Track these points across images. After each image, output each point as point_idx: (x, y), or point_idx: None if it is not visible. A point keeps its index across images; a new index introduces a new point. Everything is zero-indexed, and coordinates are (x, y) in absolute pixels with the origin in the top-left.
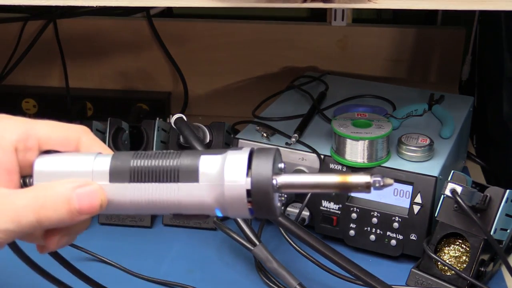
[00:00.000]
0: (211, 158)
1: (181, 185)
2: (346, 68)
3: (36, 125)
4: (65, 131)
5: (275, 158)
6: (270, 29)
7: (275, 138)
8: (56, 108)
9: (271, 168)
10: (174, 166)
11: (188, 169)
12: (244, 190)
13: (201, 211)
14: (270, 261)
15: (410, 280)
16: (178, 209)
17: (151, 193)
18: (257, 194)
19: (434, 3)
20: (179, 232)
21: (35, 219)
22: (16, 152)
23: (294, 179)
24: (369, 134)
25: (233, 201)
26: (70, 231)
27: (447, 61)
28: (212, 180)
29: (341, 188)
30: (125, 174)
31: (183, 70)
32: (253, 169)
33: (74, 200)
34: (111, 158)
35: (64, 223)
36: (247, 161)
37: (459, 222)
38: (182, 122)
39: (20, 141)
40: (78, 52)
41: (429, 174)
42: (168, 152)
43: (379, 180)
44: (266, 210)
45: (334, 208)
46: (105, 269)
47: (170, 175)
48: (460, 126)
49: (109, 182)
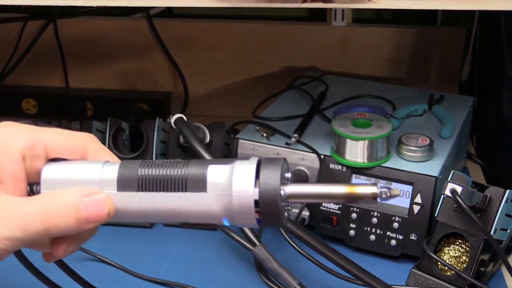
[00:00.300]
0: (219, 168)
1: (189, 195)
2: (346, 68)
3: (43, 132)
4: (72, 139)
5: (282, 168)
6: (270, 29)
7: (275, 138)
8: (56, 108)
9: (279, 179)
10: (182, 175)
11: (196, 178)
12: (252, 200)
13: (209, 220)
14: (270, 261)
15: (410, 280)
16: (185, 218)
17: (159, 202)
18: (265, 204)
19: (434, 3)
20: (179, 232)
21: (43, 227)
22: (23, 159)
23: (301, 190)
24: (369, 134)
25: (241, 211)
26: (78, 239)
27: (447, 61)
28: (220, 190)
29: (347, 199)
30: (133, 183)
31: (183, 70)
32: (261, 179)
33: (82, 208)
34: (119, 167)
35: (72, 232)
36: (255, 171)
37: (459, 222)
38: (182, 122)
39: (28, 148)
40: (78, 52)
41: (429, 174)
42: (175, 161)
43: (386, 191)
44: (273, 220)
45: (334, 208)
46: (105, 269)
47: (178, 184)
48: (460, 126)
49: (116, 191)
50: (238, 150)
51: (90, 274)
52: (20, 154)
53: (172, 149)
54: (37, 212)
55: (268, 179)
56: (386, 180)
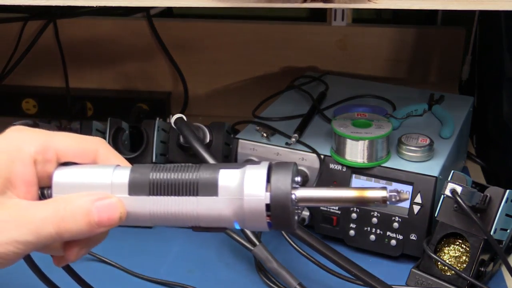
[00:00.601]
0: (230, 172)
1: (200, 199)
2: (346, 68)
3: (54, 137)
4: (83, 143)
5: (293, 172)
6: (270, 29)
7: (275, 138)
8: (56, 108)
9: (290, 183)
10: (193, 179)
11: (208, 182)
12: (264, 204)
13: (220, 224)
14: (270, 261)
15: (410, 280)
16: (197, 222)
17: (170, 206)
18: (276, 209)
19: (434, 3)
20: (179, 232)
21: (55, 231)
22: (35, 164)
23: (312, 194)
24: (369, 134)
25: (252, 215)
26: (89, 243)
27: (447, 61)
28: (231, 194)
29: (357, 203)
30: (144, 187)
31: (183, 70)
32: (272, 184)
33: (94, 213)
34: (130, 171)
35: (83, 235)
36: (266, 176)
37: (459, 222)
38: (182, 122)
39: (39, 153)
40: (78, 52)
41: (429, 174)
42: (186, 165)
43: (395, 195)
44: (284, 224)
45: (334, 208)
46: (105, 269)
47: (189, 188)
48: (460, 126)
49: (128, 195)
50: (238, 150)
51: (90, 274)
52: (32, 158)
53: (172, 149)
54: (49, 216)
55: (279, 184)
56: (386, 180)
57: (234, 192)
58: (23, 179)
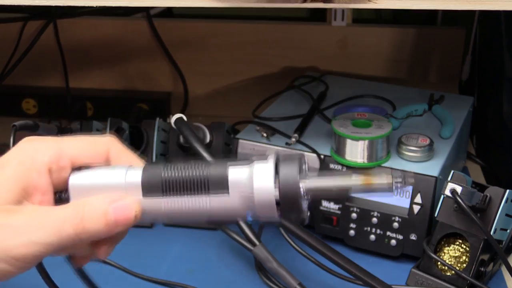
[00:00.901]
0: (239, 169)
1: (211, 196)
2: (346, 68)
3: (67, 143)
4: (95, 145)
5: (300, 162)
6: (270, 29)
7: (275, 138)
8: (56, 108)
9: (297, 176)
10: (204, 176)
11: (218, 179)
12: (273, 198)
13: (232, 218)
14: (270, 261)
15: (410, 280)
16: (209, 218)
17: (183, 204)
18: (286, 201)
19: (434, 3)
20: (179, 232)
21: (74, 232)
22: (49, 172)
23: (319, 184)
24: (369, 134)
25: (263, 209)
26: (116, 240)
27: (447, 61)
28: (241, 190)
29: (364, 190)
30: (157, 186)
31: (183, 70)
32: (281, 177)
33: (111, 213)
34: (142, 171)
35: (102, 236)
36: (273, 170)
37: (459, 222)
38: (182, 122)
39: (53, 162)
40: (78, 52)
41: (429, 174)
42: (196, 163)
43: (401, 180)
44: (295, 215)
45: (334, 208)
46: (105, 269)
47: (201, 186)
48: (460, 126)
49: (141, 194)
50: (238, 150)
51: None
52: (46, 168)
53: (172, 149)
54: (69, 218)
55: (288, 177)
56: None
57: (244, 188)
58: (39, 188)
